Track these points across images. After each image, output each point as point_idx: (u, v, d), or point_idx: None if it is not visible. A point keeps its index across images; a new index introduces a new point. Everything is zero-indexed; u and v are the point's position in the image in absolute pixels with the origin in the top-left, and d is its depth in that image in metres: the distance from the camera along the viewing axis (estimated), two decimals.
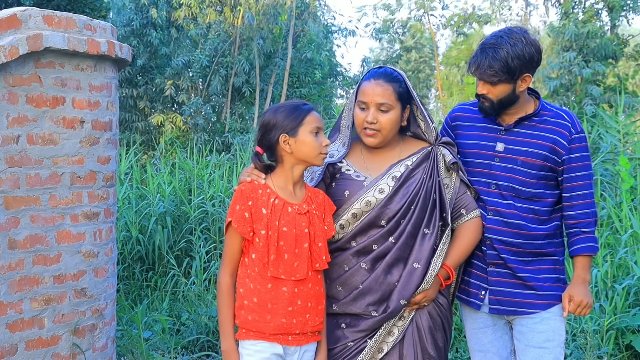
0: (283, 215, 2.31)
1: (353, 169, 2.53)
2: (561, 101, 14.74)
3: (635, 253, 4.87)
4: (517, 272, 2.64)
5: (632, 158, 6.31)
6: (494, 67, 2.48)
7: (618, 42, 15.07)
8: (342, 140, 2.59)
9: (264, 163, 2.39)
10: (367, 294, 2.42)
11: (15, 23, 3.27)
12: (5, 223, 3.23)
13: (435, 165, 2.52)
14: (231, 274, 2.36)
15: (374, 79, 2.49)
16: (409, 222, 2.44)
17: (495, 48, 2.49)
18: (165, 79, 14.97)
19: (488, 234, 2.63)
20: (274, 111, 2.36)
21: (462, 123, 2.73)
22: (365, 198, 2.45)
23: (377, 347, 2.45)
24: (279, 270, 2.30)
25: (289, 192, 2.37)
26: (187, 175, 7.51)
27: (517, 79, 2.52)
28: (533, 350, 2.66)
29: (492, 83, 2.52)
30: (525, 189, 2.61)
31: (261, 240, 2.29)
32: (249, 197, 2.31)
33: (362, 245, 2.45)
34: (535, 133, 2.61)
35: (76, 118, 3.50)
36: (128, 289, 5.88)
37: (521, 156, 2.60)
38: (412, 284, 2.42)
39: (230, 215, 2.30)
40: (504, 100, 2.56)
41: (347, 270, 2.46)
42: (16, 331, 3.28)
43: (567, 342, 4.36)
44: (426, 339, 2.49)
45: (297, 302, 2.32)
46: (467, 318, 2.77)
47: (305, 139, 2.32)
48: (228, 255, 2.36)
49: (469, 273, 2.72)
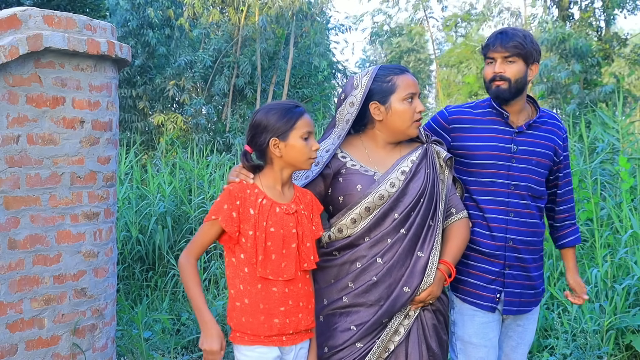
0: (271, 216, 2.30)
1: (359, 164, 2.54)
2: (552, 103, 14.83)
3: (635, 253, 4.87)
4: (530, 272, 2.72)
5: (632, 158, 6.31)
6: (516, 40, 2.63)
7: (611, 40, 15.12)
8: (337, 133, 2.59)
9: (252, 163, 2.38)
10: (380, 286, 2.45)
11: (15, 23, 3.27)
12: (5, 223, 3.24)
13: (433, 161, 2.58)
14: (195, 259, 2.34)
15: (407, 71, 2.57)
16: (418, 214, 2.48)
17: (513, 30, 2.68)
18: (165, 79, 14.97)
19: (510, 235, 2.67)
20: (266, 112, 2.34)
21: (464, 125, 2.74)
22: (379, 192, 2.48)
23: (384, 346, 2.47)
24: (267, 270, 2.29)
25: (277, 192, 2.36)
26: (187, 175, 7.51)
27: (530, 64, 2.66)
28: (523, 347, 2.81)
29: (510, 58, 2.63)
30: (539, 188, 2.73)
31: (249, 241, 2.28)
32: (237, 197, 2.30)
33: (376, 239, 2.47)
34: (542, 134, 2.73)
35: (76, 118, 3.50)
36: (128, 289, 5.89)
37: (535, 157, 2.70)
38: (417, 273, 2.46)
39: (216, 213, 2.28)
40: (519, 82, 2.64)
41: (360, 266, 2.47)
42: (16, 331, 3.29)
43: (567, 342, 4.37)
44: (430, 336, 2.52)
45: (288, 302, 2.31)
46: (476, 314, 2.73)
47: (296, 143, 2.31)
48: (199, 242, 2.33)
49: (480, 278, 2.71)
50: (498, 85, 2.65)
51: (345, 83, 2.64)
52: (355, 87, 2.55)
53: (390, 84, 2.51)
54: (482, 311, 2.70)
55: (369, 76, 2.55)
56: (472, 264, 2.70)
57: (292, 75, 16.63)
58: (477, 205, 2.70)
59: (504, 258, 2.67)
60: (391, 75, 2.53)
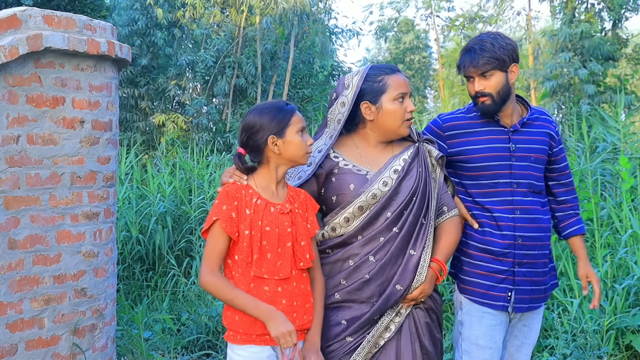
0: (266, 215, 2.33)
1: (351, 164, 2.56)
2: (558, 101, 14.77)
3: (635, 253, 4.86)
4: (539, 268, 2.74)
5: (632, 158, 6.30)
6: (484, 56, 2.63)
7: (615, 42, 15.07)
8: (329, 133, 2.61)
9: (246, 165, 2.40)
10: (372, 284, 2.47)
11: (15, 23, 3.27)
12: (5, 223, 3.24)
13: (425, 160, 2.60)
14: (218, 270, 2.31)
15: (398, 71, 2.58)
16: (410, 212, 2.50)
17: (479, 44, 2.66)
18: (167, 78, 14.98)
19: (519, 232, 2.69)
20: (258, 113, 2.37)
21: (459, 131, 2.76)
22: (372, 191, 2.49)
23: (374, 342, 2.49)
24: (262, 269, 2.31)
25: (272, 192, 2.38)
26: (187, 175, 7.52)
27: (507, 68, 2.66)
28: (527, 347, 2.83)
29: (486, 73, 2.63)
30: (538, 183, 2.76)
31: (244, 241, 2.30)
32: (234, 198, 2.32)
33: (368, 237, 2.49)
34: (535, 130, 2.77)
35: (76, 118, 3.50)
36: (128, 289, 5.89)
37: (533, 153, 2.73)
38: (409, 270, 2.48)
39: (217, 215, 2.29)
40: (502, 92, 2.66)
41: (352, 264, 2.49)
42: (16, 331, 3.29)
43: (567, 342, 4.37)
44: (423, 333, 2.53)
45: (281, 301, 2.32)
46: (484, 315, 2.73)
47: (293, 139, 2.34)
48: (214, 254, 2.31)
49: (490, 278, 2.72)
50: (483, 102, 2.68)
51: (337, 83, 2.65)
52: (347, 87, 2.57)
53: (381, 84, 2.53)
54: (492, 313, 2.71)
55: (360, 76, 2.56)
56: (482, 265, 2.71)
57: (292, 76, 16.64)
58: (483, 207, 2.72)
59: (513, 256, 2.69)
60: (382, 75, 2.54)
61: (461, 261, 2.77)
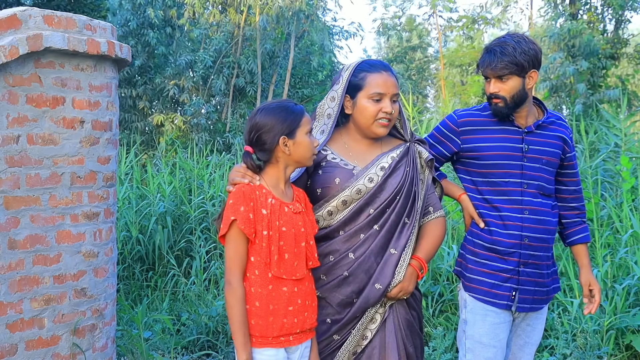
0: (281, 215, 2.32)
1: (339, 157, 2.56)
2: (555, 102, 14.76)
3: (635, 253, 4.87)
4: (543, 269, 2.75)
5: (633, 157, 6.30)
6: (503, 60, 2.62)
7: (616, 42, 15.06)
8: (320, 128, 2.61)
9: (256, 163, 2.38)
10: (352, 282, 2.48)
11: (15, 23, 3.27)
12: (5, 223, 3.24)
13: (414, 160, 2.60)
14: (242, 278, 2.30)
15: (384, 70, 2.54)
16: (393, 211, 2.51)
17: (501, 46, 2.65)
18: (165, 78, 14.97)
19: (526, 233, 2.70)
20: (268, 112, 2.35)
21: (474, 127, 2.78)
22: (356, 186, 2.50)
23: (360, 334, 2.50)
24: (281, 270, 2.31)
25: (281, 191, 2.38)
26: (187, 175, 7.52)
27: (526, 74, 2.65)
28: (530, 347, 2.84)
29: (503, 77, 2.64)
30: (549, 186, 2.78)
31: (263, 241, 2.29)
32: (250, 198, 2.30)
33: (350, 233, 2.50)
34: (550, 134, 2.78)
35: (76, 118, 3.50)
36: (128, 289, 5.89)
37: (545, 156, 2.74)
38: (388, 269, 2.49)
39: (235, 215, 2.27)
40: (516, 96, 2.66)
41: (332, 260, 2.50)
42: (16, 331, 3.29)
43: (567, 342, 4.37)
44: (404, 329, 2.55)
45: (297, 301, 2.33)
46: (488, 313, 2.74)
47: (303, 140, 2.34)
48: (238, 258, 2.29)
49: (495, 276, 2.73)
50: (496, 103, 2.70)
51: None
52: (338, 82, 2.58)
53: (360, 80, 2.53)
54: (496, 311, 2.72)
55: (349, 71, 2.58)
56: (487, 263, 2.73)
57: (292, 75, 16.63)
58: (491, 205, 2.73)
59: (519, 256, 2.70)
60: (364, 72, 2.54)
61: (467, 259, 2.79)
